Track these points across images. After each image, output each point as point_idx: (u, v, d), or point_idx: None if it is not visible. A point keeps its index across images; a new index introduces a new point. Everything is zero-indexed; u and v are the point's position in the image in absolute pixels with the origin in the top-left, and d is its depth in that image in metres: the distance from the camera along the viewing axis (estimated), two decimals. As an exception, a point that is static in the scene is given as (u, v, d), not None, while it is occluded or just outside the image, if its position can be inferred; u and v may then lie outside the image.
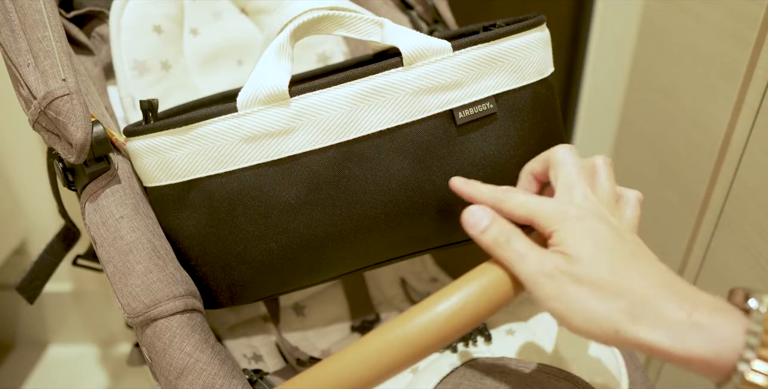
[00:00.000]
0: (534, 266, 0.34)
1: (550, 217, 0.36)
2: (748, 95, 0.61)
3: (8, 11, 0.43)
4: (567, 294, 0.33)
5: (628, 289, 0.32)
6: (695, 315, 0.30)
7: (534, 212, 0.37)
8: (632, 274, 0.33)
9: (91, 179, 0.45)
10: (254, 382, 0.45)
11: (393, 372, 0.34)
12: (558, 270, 0.34)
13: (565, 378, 0.48)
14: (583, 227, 0.35)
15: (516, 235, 0.36)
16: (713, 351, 0.29)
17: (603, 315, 0.32)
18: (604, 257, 0.33)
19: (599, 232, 0.34)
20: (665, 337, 0.30)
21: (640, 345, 0.31)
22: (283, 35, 0.45)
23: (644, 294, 0.32)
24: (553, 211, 0.36)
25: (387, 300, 0.67)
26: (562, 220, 0.35)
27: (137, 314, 0.42)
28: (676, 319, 0.30)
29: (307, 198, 0.44)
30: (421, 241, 0.49)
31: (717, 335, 0.29)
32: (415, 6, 0.67)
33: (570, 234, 0.35)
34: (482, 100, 0.45)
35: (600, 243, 0.34)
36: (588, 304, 0.32)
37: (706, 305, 0.31)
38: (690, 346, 0.30)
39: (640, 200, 0.40)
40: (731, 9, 0.62)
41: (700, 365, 0.30)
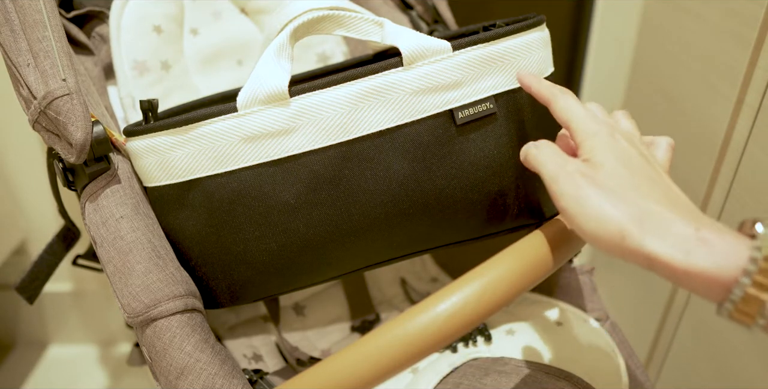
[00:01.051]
0: (556, 165, 0.36)
1: (585, 128, 0.37)
2: (748, 95, 0.61)
3: (8, 11, 0.43)
4: (582, 193, 0.34)
5: (642, 202, 0.33)
6: (702, 231, 0.31)
7: (574, 119, 0.38)
8: (649, 191, 0.33)
9: (91, 179, 0.45)
10: (254, 382, 0.45)
11: (393, 372, 0.34)
12: (578, 172, 0.35)
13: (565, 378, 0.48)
14: (612, 144, 0.36)
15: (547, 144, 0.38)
16: (716, 265, 0.29)
17: (612, 219, 0.32)
18: (626, 171, 0.34)
19: (626, 151, 0.36)
20: (669, 248, 0.30)
21: (644, 253, 0.31)
22: (283, 35, 0.45)
23: (657, 208, 0.32)
24: (591, 122, 0.37)
25: (387, 300, 0.67)
26: (594, 134, 0.36)
27: (137, 314, 0.42)
28: (683, 233, 0.31)
29: (307, 198, 0.44)
30: (421, 241, 0.49)
31: (721, 250, 0.30)
32: (415, 6, 0.67)
33: (598, 146, 0.36)
34: (482, 100, 0.45)
35: (625, 160, 0.35)
36: (600, 206, 0.33)
37: (715, 226, 0.31)
38: (693, 259, 0.30)
39: (672, 145, 0.42)
40: (731, 9, 0.62)
41: (701, 279, 0.30)
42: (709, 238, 0.30)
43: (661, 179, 0.35)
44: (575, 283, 0.59)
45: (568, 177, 0.35)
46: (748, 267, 0.29)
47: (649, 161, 0.36)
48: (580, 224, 0.33)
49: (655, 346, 0.82)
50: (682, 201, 0.34)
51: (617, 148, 0.36)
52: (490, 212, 0.48)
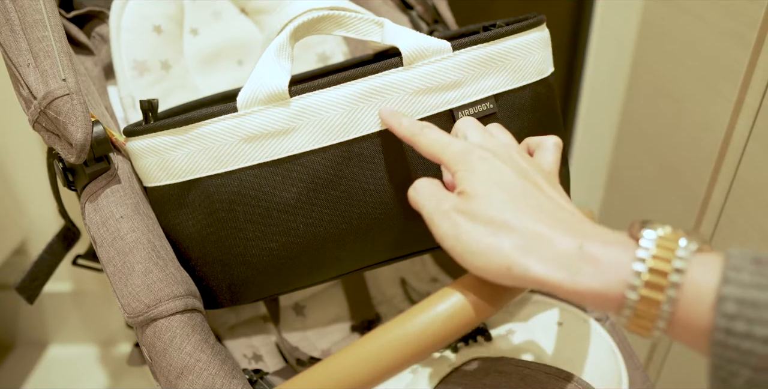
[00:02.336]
0: (433, 205, 0.35)
1: (453, 157, 0.36)
2: (748, 95, 0.61)
3: (8, 11, 0.43)
4: (461, 231, 0.33)
5: (522, 225, 0.32)
6: (587, 247, 0.30)
7: (441, 150, 0.37)
8: (530, 212, 0.33)
9: (91, 179, 0.45)
10: (254, 382, 0.45)
11: (393, 372, 0.34)
12: (454, 209, 0.34)
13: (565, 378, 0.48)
14: (484, 167, 0.35)
15: (426, 183, 0.38)
16: (602, 283, 0.29)
17: (494, 251, 0.32)
18: (502, 196, 0.33)
19: (499, 173, 0.35)
20: (554, 271, 0.30)
21: (531, 279, 0.31)
22: (282, 35, 0.45)
23: (538, 229, 0.32)
24: (460, 150, 0.36)
25: (387, 300, 0.67)
26: (466, 160, 0.36)
27: (137, 314, 0.42)
28: (566, 252, 0.30)
29: (307, 198, 0.44)
30: (421, 241, 0.49)
31: (606, 266, 0.29)
32: (415, 6, 0.67)
33: (470, 173, 0.35)
34: (482, 100, 0.45)
35: (500, 183, 0.34)
36: (480, 240, 0.32)
37: (601, 238, 0.31)
38: (579, 279, 0.29)
39: (558, 144, 0.41)
40: (731, 9, 0.62)
41: (592, 297, 0.30)
42: (593, 253, 0.30)
43: (541, 193, 0.35)
44: (575, 283, 0.58)
45: (445, 217, 0.34)
46: (633, 282, 0.28)
47: (526, 176, 0.35)
48: (465, 262, 0.33)
49: (655, 346, 0.82)
50: (565, 214, 0.33)
51: (489, 171, 0.35)
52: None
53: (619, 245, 0.30)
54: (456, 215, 0.34)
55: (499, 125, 0.42)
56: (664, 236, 0.29)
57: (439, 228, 0.35)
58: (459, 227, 0.34)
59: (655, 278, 0.28)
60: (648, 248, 0.29)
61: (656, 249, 0.29)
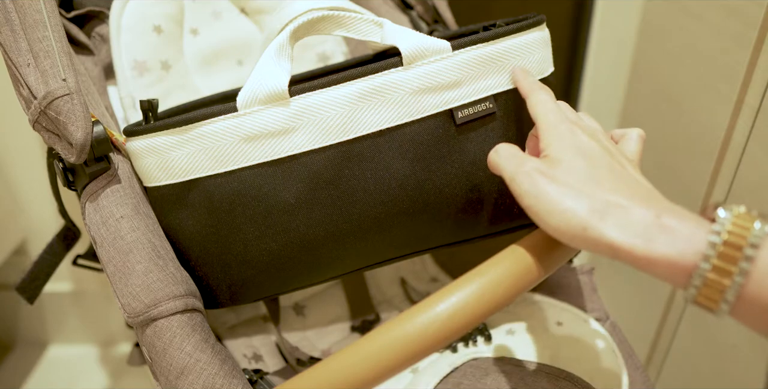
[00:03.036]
0: (515, 166, 0.37)
1: (547, 121, 0.38)
2: (748, 95, 0.61)
3: (8, 11, 0.43)
4: (541, 190, 0.34)
5: (601, 193, 0.33)
6: (663, 218, 0.31)
7: (541, 113, 0.39)
8: (609, 182, 0.34)
9: (91, 179, 0.45)
10: (254, 382, 0.45)
11: (393, 372, 0.34)
12: (536, 170, 0.35)
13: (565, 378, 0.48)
14: (571, 138, 0.37)
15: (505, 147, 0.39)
16: (676, 251, 0.30)
17: (572, 212, 0.33)
18: (584, 164, 0.35)
19: (585, 144, 0.36)
20: (630, 236, 0.31)
21: (605, 243, 0.31)
22: (282, 35, 0.45)
23: (617, 198, 0.33)
24: (556, 119, 0.38)
25: (387, 300, 0.67)
26: (554, 127, 0.38)
27: (137, 314, 0.42)
28: (643, 220, 0.31)
29: (307, 198, 0.44)
30: (421, 241, 0.49)
31: (681, 236, 0.30)
32: (415, 6, 0.67)
33: (557, 140, 0.37)
34: (482, 99, 0.45)
35: (583, 153, 0.36)
36: (559, 201, 0.33)
37: (677, 212, 0.32)
38: (654, 246, 0.30)
39: (642, 136, 0.42)
40: (731, 9, 0.62)
41: (663, 265, 0.30)
42: (670, 224, 0.31)
43: (623, 169, 0.36)
44: (575, 283, 0.59)
45: (526, 176, 0.36)
46: (707, 252, 0.29)
47: (610, 153, 0.37)
48: (543, 220, 0.34)
49: (655, 346, 0.82)
50: (644, 189, 0.34)
51: (575, 141, 0.37)
52: (490, 211, 0.48)
53: (695, 220, 0.31)
54: (538, 176, 0.35)
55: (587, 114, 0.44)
56: (740, 215, 0.30)
57: (520, 186, 0.36)
58: (539, 186, 0.35)
59: (730, 251, 0.28)
60: (724, 224, 0.29)
61: (731, 226, 0.29)
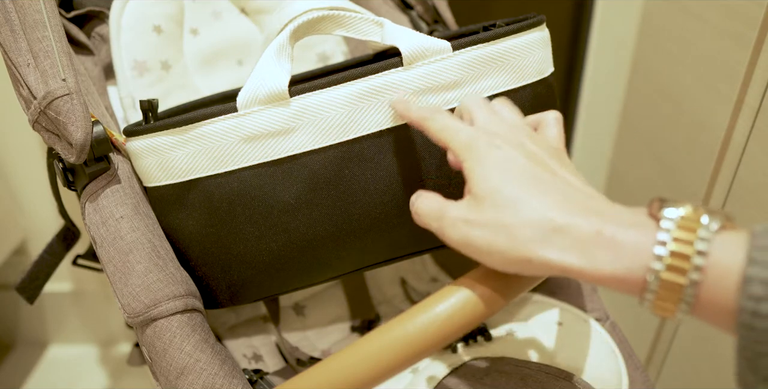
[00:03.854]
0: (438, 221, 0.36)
1: (463, 145, 0.36)
2: (748, 95, 0.61)
3: (8, 11, 0.43)
4: (471, 239, 0.33)
5: (535, 216, 0.31)
6: (605, 231, 0.30)
7: (451, 138, 0.37)
8: (543, 199, 0.32)
9: (91, 179, 0.45)
10: (254, 382, 0.45)
11: (393, 372, 0.34)
12: (459, 220, 0.34)
13: (565, 378, 0.48)
14: (492, 157, 0.34)
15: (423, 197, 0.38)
16: (624, 268, 0.29)
17: (510, 250, 0.32)
18: (512, 188, 0.33)
19: (509, 160, 0.34)
20: (575, 258, 0.30)
21: (554, 267, 0.31)
22: (282, 36, 0.45)
23: (553, 217, 0.31)
24: (467, 139, 0.36)
25: (387, 300, 0.67)
26: (474, 149, 0.35)
27: (137, 314, 0.42)
28: (584, 238, 0.30)
29: (307, 198, 0.44)
30: (421, 241, 0.49)
31: (625, 251, 0.29)
32: (415, 6, 0.67)
33: (478, 164, 0.34)
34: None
35: (508, 172, 0.34)
36: (492, 244, 0.32)
37: (619, 220, 0.30)
38: (600, 265, 0.29)
39: (558, 119, 0.41)
40: (731, 9, 0.62)
41: (614, 283, 0.29)
42: (612, 238, 0.29)
43: (554, 176, 0.34)
44: (575, 283, 0.59)
45: (451, 228, 0.35)
46: (654, 266, 0.28)
47: (536, 160, 0.35)
48: (488, 262, 0.34)
49: (655, 346, 0.82)
50: (580, 196, 0.33)
51: (497, 161, 0.34)
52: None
53: (638, 227, 0.29)
54: (462, 226, 0.34)
55: (506, 100, 0.42)
56: (686, 216, 0.28)
57: (450, 239, 0.35)
58: (468, 236, 0.34)
59: (677, 262, 0.27)
60: (669, 230, 0.28)
61: (677, 231, 0.28)
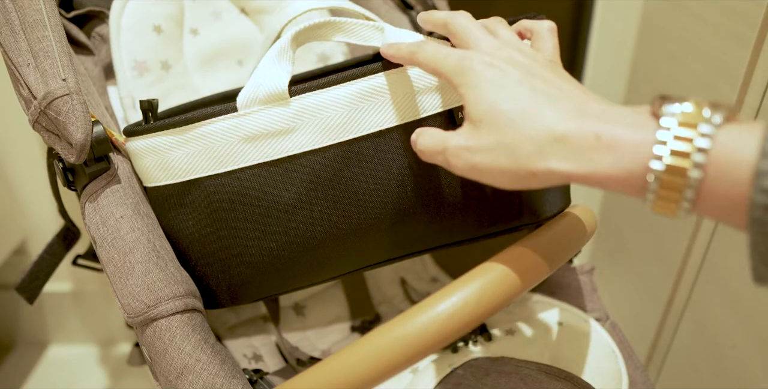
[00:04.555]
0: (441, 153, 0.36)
1: (454, 68, 0.35)
2: (748, 95, 0.61)
3: (8, 11, 0.43)
4: (474, 165, 0.34)
5: (534, 129, 0.31)
6: (604, 135, 0.29)
7: (441, 63, 0.36)
8: (539, 110, 0.32)
9: (91, 179, 0.45)
10: (254, 382, 0.45)
11: (393, 372, 0.34)
12: (460, 148, 0.35)
13: (565, 378, 0.48)
14: (484, 77, 0.34)
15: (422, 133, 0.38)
16: (624, 170, 0.29)
17: (516, 169, 0.32)
18: (507, 103, 0.33)
19: (502, 77, 0.34)
20: (576, 164, 0.30)
21: (558, 176, 0.31)
22: (284, 39, 0.45)
23: (551, 127, 0.31)
24: (457, 61, 0.35)
25: (387, 300, 0.67)
26: (464, 72, 0.35)
27: (137, 314, 0.42)
28: (583, 144, 0.30)
29: (307, 198, 0.44)
30: (421, 241, 0.49)
31: (626, 152, 0.29)
32: (415, 6, 0.67)
33: (471, 89, 0.34)
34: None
35: (502, 89, 0.33)
36: (495, 164, 0.33)
37: (618, 122, 0.30)
38: (601, 168, 0.29)
39: (552, 28, 0.40)
40: (731, 9, 0.62)
41: (614, 183, 0.29)
42: (612, 141, 0.29)
43: (548, 84, 0.33)
44: (575, 283, 0.59)
45: (454, 158, 0.35)
46: (654, 166, 0.28)
47: (529, 72, 0.34)
48: (496, 184, 0.34)
49: (655, 346, 0.82)
50: (576, 100, 0.32)
51: (489, 79, 0.34)
52: (490, 211, 0.48)
53: (638, 127, 0.29)
54: (464, 153, 0.34)
55: (499, 19, 0.41)
56: (686, 113, 0.27)
57: (456, 168, 0.35)
58: (473, 161, 0.34)
59: (677, 161, 0.27)
60: (669, 128, 0.28)
61: (678, 128, 0.27)
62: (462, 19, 0.39)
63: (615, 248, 0.94)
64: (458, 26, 0.39)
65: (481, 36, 0.38)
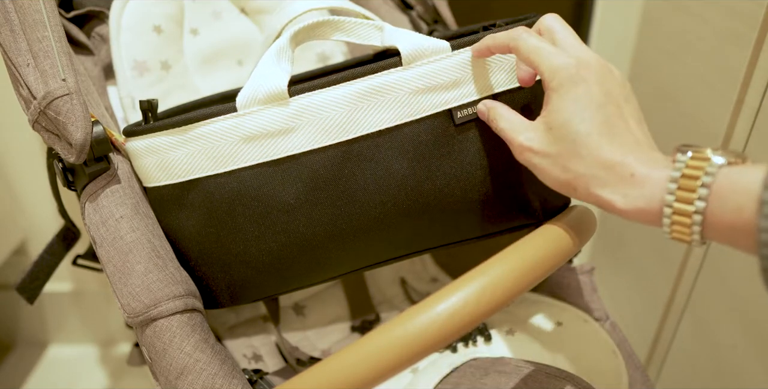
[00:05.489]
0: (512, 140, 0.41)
1: (555, 71, 0.38)
2: (748, 95, 0.61)
3: (8, 11, 0.43)
4: (534, 164, 0.40)
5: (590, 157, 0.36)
6: (637, 174, 0.35)
7: (544, 61, 0.39)
8: (604, 140, 0.36)
9: (91, 179, 0.45)
10: (254, 382, 0.45)
11: (393, 372, 0.34)
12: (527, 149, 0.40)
13: (565, 378, 0.48)
14: (574, 90, 0.38)
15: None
16: (646, 202, 0.34)
17: (563, 181, 0.38)
18: (580, 125, 0.37)
19: (589, 99, 0.37)
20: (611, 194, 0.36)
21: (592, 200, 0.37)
22: (283, 39, 0.45)
23: (604, 159, 0.36)
24: (560, 66, 0.38)
25: (387, 300, 0.67)
26: (561, 77, 0.38)
27: (137, 314, 0.42)
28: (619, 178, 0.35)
29: (307, 198, 0.44)
30: (420, 241, 0.49)
31: (649, 188, 0.34)
32: (415, 6, 0.67)
33: (557, 95, 0.38)
34: (481, 99, 0.45)
35: (584, 110, 0.37)
36: (551, 173, 0.39)
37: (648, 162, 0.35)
38: (630, 200, 0.35)
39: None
40: (731, 9, 0.62)
41: (638, 215, 0.35)
42: (640, 178, 0.35)
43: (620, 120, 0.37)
44: (575, 283, 0.59)
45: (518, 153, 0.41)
46: (667, 198, 0.33)
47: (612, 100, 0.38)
48: (541, 180, 0.40)
49: (655, 346, 0.82)
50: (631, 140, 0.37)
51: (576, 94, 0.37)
52: (490, 211, 0.48)
53: (660, 169, 0.34)
54: (527, 152, 0.40)
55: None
56: (695, 156, 0.33)
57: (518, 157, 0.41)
58: (532, 161, 0.40)
59: (684, 194, 0.32)
60: (680, 168, 0.33)
61: (686, 168, 0.32)
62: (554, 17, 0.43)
63: (615, 248, 0.94)
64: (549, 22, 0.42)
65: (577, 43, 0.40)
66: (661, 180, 0.34)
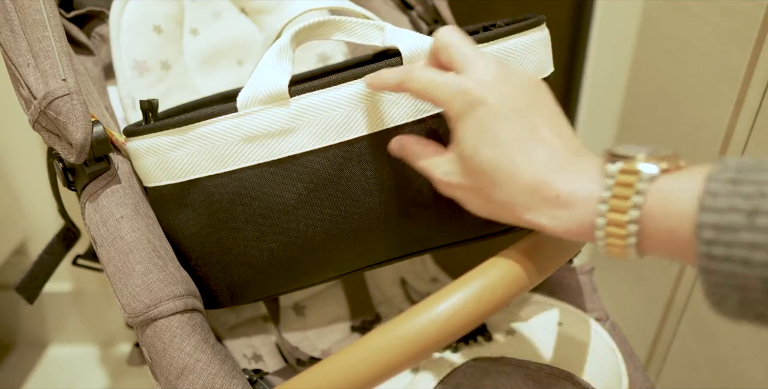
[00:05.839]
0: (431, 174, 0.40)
1: (450, 100, 0.36)
2: (748, 95, 0.61)
3: (8, 11, 0.43)
4: (457, 196, 0.39)
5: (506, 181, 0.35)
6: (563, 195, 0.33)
7: (437, 94, 0.37)
8: (517, 160, 0.34)
9: (91, 179, 0.45)
10: (254, 382, 0.45)
11: (393, 372, 0.34)
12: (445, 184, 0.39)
13: (565, 378, 0.48)
14: (473, 116, 0.36)
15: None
16: (577, 224, 0.33)
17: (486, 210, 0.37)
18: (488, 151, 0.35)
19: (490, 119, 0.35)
20: (541, 218, 0.34)
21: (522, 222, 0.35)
22: (283, 39, 0.45)
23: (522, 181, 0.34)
24: (454, 93, 0.36)
25: (387, 300, 0.67)
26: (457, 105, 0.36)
27: (137, 314, 0.42)
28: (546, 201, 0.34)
29: (307, 198, 0.44)
30: (421, 241, 0.49)
31: (578, 209, 0.32)
32: (415, 6, 0.67)
33: (459, 124, 0.36)
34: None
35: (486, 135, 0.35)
36: (473, 204, 0.38)
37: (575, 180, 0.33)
38: (559, 223, 0.33)
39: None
40: (731, 9, 0.62)
41: (572, 235, 0.33)
42: (568, 200, 0.33)
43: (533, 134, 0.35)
44: (575, 283, 0.59)
45: (439, 185, 0.40)
46: (598, 221, 0.31)
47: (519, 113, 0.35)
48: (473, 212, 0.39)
49: (655, 346, 0.82)
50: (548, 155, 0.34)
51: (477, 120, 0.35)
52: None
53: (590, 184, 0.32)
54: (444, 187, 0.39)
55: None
56: (624, 169, 0.31)
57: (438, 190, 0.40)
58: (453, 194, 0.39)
59: (615, 216, 0.30)
60: (610, 186, 0.31)
61: (616, 187, 0.30)
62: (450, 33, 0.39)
63: (615, 248, 0.94)
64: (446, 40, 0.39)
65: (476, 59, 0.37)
66: (590, 201, 0.32)
